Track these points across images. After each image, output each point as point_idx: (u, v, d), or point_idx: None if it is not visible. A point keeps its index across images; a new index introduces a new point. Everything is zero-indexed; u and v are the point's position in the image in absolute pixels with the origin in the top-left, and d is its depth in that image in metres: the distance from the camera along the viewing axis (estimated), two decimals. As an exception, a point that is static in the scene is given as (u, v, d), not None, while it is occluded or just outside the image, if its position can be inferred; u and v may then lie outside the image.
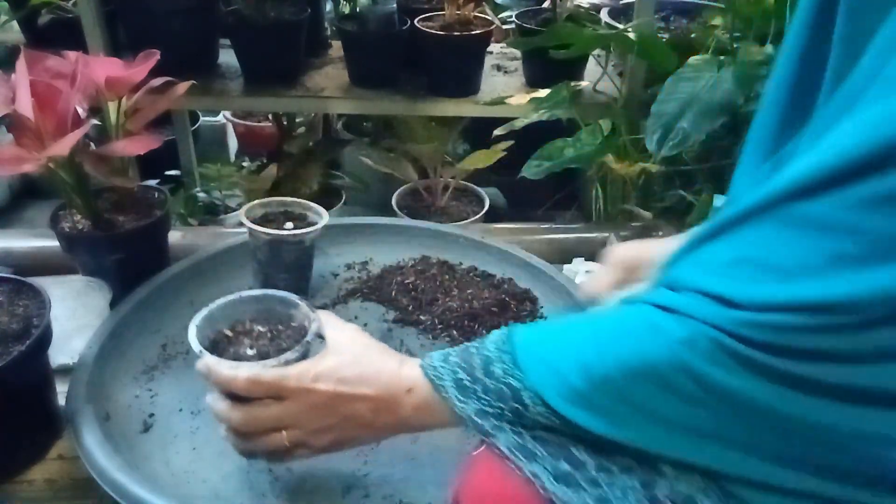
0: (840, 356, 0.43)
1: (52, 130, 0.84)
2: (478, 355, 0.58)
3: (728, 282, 0.46)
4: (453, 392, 0.58)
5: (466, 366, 0.59)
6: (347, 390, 0.63)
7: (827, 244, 0.42)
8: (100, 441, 0.74)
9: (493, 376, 0.57)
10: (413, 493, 0.75)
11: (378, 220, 1.20)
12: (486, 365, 0.57)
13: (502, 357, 0.57)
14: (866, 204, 0.41)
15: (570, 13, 1.51)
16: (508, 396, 0.56)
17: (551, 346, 0.56)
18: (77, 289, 0.96)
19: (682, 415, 0.49)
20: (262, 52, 1.45)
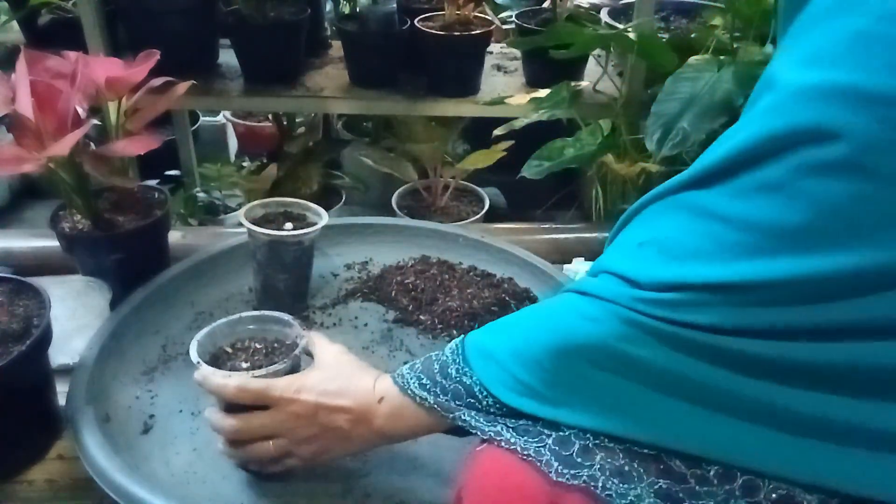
0: (730, 330, 0.47)
1: (52, 130, 0.84)
2: (436, 361, 0.64)
3: (633, 263, 0.52)
4: (417, 391, 0.63)
5: (427, 371, 0.64)
6: (327, 401, 0.67)
7: (714, 230, 0.47)
8: (100, 442, 0.74)
9: (448, 377, 0.62)
10: (413, 493, 0.75)
11: (378, 220, 1.20)
12: (442, 368, 0.62)
13: (455, 358, 0.62)
14: (744, 193, 0.45)
15: (570, 13, 1.51)
16: (463, 393, 0.60)
17: (492, 339, 0.61)
18: (77, 289, 0.96)
19: (609, 390, 0.53)
20: (262, 52, 1.45)
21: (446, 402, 0.61)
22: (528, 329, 0.58)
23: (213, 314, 0.99)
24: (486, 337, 0.62)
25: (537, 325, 0.57)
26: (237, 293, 1.04)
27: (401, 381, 0.65)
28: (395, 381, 0.66)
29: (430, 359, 0.64)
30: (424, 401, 0.63)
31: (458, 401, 0.61)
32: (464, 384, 0.60)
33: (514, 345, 0.58)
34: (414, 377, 0.64)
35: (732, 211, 0.46)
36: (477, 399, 0.60)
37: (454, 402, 0.61)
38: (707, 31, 1.36)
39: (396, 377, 0.66)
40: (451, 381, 0.61)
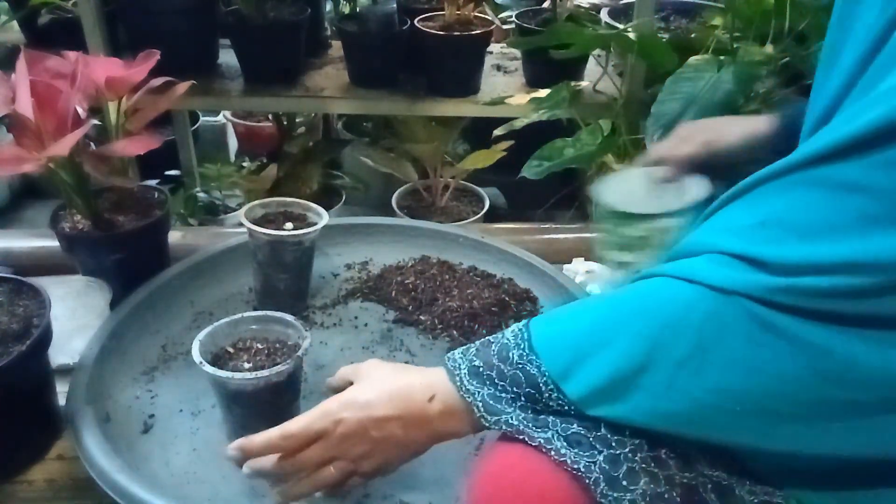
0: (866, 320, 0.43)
1: (52, 130, 0.84)
2: (495, 343, 0.59)
3: (754, 243, 0.46)
4: (465, 378, 0.58)
5: (483, 353, 0.59)
6: (373, 414, 0.63)
7: (853, 204, 0.42)
8: (100, 442, 0.74)
9: (508, 362, 0.56)
10: (413, 493, 0.75)
11: (378, 220, 1.20)
12: (502, 351, 0.57)
13: (519, 343, 0.57)
14: (891, 165, 0.41)
15: (570, 13, 1.51)
16: (523, 381, 0.56)
17: (568, 328, 0.55)
18: (77, 289, 0.96)
19: (709, 391, 0.48)
20: (262, 52, 1.45)
21: (494, 401, 0.57)
22: (619, 323, 0.52)
23: (212, 314, 0.99)
24: (560, 326, 0.56)
25: (631, 317, 0.52)
26: (237, 293, 1.04)
27: (451, 364, 0.60)
28: (446, 365, 0.61)
29: (488, 341, 0.60)
30: (472, 395, 0.58)
31: (515, 388, 0.56)
32: (526, 372, 0.56)
33: (601, 339, 0.52)
34: (466, 361, 0.59)
35: (878, 182, 0.42)
36: (538, 391, 0.55)
37: (510, 393, 0.56)
38: (707, 31, 1.36)
39: (448, 360, 0.61)
40: (510, 366, 0.56)
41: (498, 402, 0.57)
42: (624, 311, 0.52)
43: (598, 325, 0.53)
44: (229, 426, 0.76)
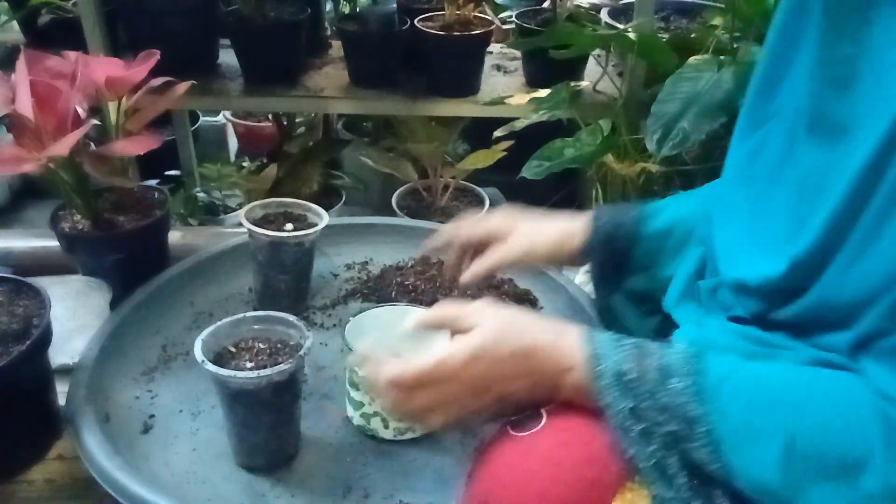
0: None
1: (52, 130, 0.84)
2: (657, 357, 0.54)
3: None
4: (610, 381, 0.54)
5: (639, 360, 0.54)
6: (501, 370, 0.58)
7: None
8: (100, 441, 0.74)
9: (666, 387, 0.52)
10: (413, 493, 0.75)
11: (378, 220, 1.20)
12: (663, 369, 0.53)
13: (687, 371, 0.52)
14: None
15: (570, 13, 1.50)
16: (676, 417, 0.51)
17: (749, 393, 0.51)
18: (77, 289, 0.96)
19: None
20: (262, 52, 1.45)
21: (633, 421, 0.53)
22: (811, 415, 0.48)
23: (213, 314, 0.99)
24: (742, 386, 0.51)
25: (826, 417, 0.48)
26: (237, 293, 1.04)
27: (597, 351, 0.55)
28: (587, 352, 0.56)
29: (646, 348, 0.55)
30: (611, 409, 0.54)
31: (659, 416, 0.52)
32: (683, 409, 0.51)
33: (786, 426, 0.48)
34: (614, 362, 0.54)
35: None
36: (687, 435, 0.51)
37: (650, 415, 0.52)
38: (707, 31, 1.36)
39: (592, 346, 0.56)
40: (665, 392, 0.52)
41: (636, 420, 0.53)
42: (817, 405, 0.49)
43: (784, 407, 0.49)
44: (230, 426, 0.76)
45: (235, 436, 0.76)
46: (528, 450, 0.56)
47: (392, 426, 0.79)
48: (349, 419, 0.83)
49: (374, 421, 0.80)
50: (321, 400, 0.86)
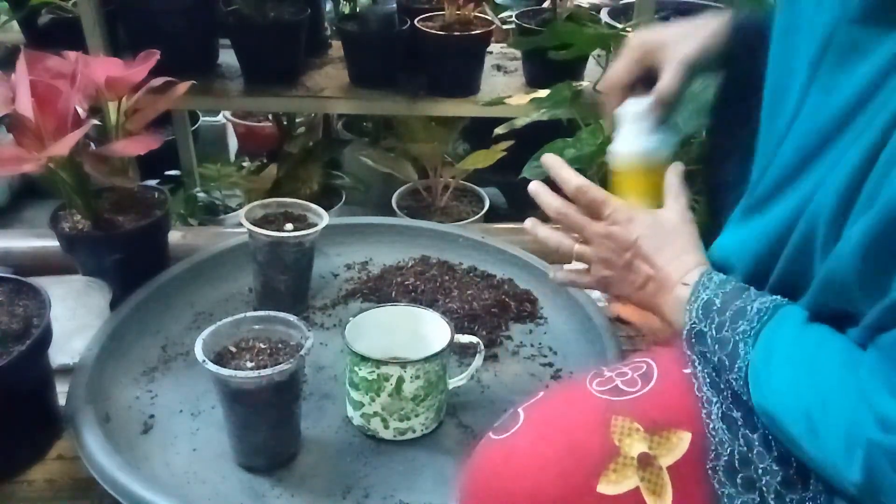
0: None
1: (52, 130, 0.84)
2: (742, 301, 0.58)
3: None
4: (698, 304, 0.59)
5: (729, 297, 0.59)
6: (645, 246, 0.65)
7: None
8: (100, 441, 0.74)
9: (734, 325, 0.57)
10: (413, 493, 0.75)
11: (378, 220, 1.20)
12: (738, 313, 0.57)
13: (754, 319, 0.56)
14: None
15: (570, 13, 1.50)
16: (727, 351, 0.56)
17: (791, 359, 0.53)
18: (77, 289, 0.96)
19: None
20: (262, 52, 1.45)
21: (697, 339, 0.59)
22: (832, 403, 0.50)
23: (212, 314, 0.98)
24: (790, 349, 0.54)
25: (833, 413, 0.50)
26: (237, 293, 1.04)
27: (703, 277, 0.61)
28: (698, 279, 0.61)
29: (741, 292, 0.59)
30: (686, 316, 0.60)
31: (717, 346, 0.57)
32: (735, 347, 0.56)
33: (804, 404, 0.51)
34: (713, 289, 0.60)
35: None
36: (729, 368, 0.56)
37: (713, 340, 0.58)
38: (707, 31, 1.35)
39: (704, 273, 0.62)
40: (731, 328, 0.57)
41: (699, 342, 0.59)
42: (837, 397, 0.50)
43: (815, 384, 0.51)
44: (230, 426, 0.76)
45: (235, 436, 0.76)
46: (511, 451, 0.57)
47: (392, 426, 0.79)
48: (349, 419, 0.83)
49: (374, 421, 0.80)
50: (321, 400, 0.86)
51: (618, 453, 0.55)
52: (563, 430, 0.57)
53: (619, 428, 0.56)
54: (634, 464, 0.55)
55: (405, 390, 0.77)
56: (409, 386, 0.77)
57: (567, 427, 0.58)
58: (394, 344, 0.83)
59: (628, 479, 0.54)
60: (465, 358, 0.91)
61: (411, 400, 0.78)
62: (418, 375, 0.77)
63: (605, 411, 0.58)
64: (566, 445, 0.56)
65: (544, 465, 0.55)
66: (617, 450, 0.55)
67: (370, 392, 0.78)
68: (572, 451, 0.56)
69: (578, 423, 0.58)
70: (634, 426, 0.57)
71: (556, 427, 0.58)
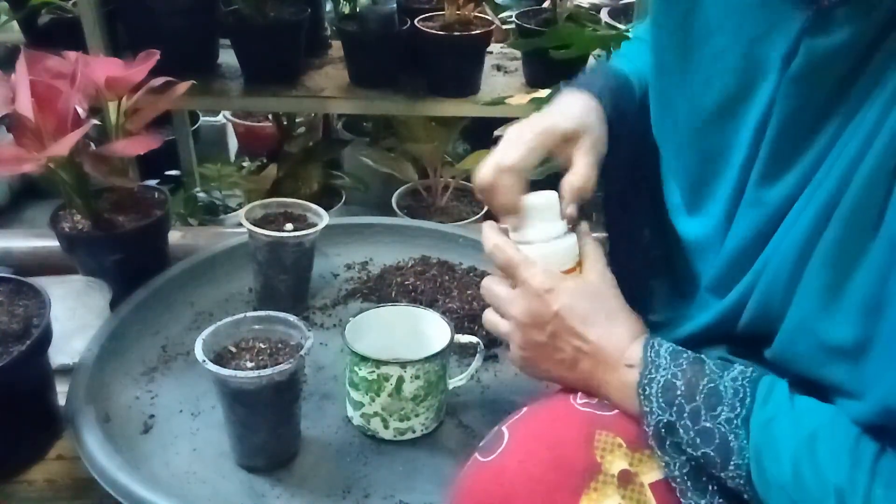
0: None
1: (52, 130, 0.84)
2: (708, 378, 0.54)
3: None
4: (655, 389, 0.55)
5: (691, 378, 0.54)
6: (568, 319, 0.59)
7: None
8: (100, 441, 0.74)
9: (712, 412, 0.53)
10: (413, 494, 0.75)
11: (378, 220, 1.20)
12: (712, 395, 0.53)
13: (736, 404, 0.52)
14: None
15: (570, 13, 1.51)
16: (714, 443, 0.52)
17: (795, 442, 0.51)
18: (77, 289, 0.96)
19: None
20: (262, 52, 1.45)
21: (668, 432, 0.54)
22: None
23: (212, 315, 0.98)
24: (784, 428, 0.51)
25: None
26: (237, 293, 1.04)
27: (653, 355, 0.56)
28: (645, 354, 0.57)
29: (701, 365, 0.55)
30: (648, 418, 0.55)
31: (700, 439, 0.52)
32: (724, 439, 0.51)
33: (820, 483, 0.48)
34: (668, 369, 0.55)
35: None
36: (723, 462, 0.52)
37: (689, 435, 0.53)
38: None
39: (650, 351, 0.57)
40: (710, 419, 0.52)
41: (671, 436, 0.54)
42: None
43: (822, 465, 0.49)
44: (230, 426, 0.76)
45: (235, 436, 0.76)
46: (499, 470, 0.56)
47: (392, 426, 0.79)
48: (349, 419, 0.83)
49: (374, 421, 0.80)
50: (321, 400, 0.86)
51: (599, 470, 0.54)
52: (549, 446, 0.56)
53: (601, 443, 0.55)
54: (615, 482, 0.53)
55: (405, 390, 0.77)
56: (409, 386, 0.77)
57: (552, 443, 0.56)
58: (394, 344, 0.83)
59: (608, 498, 0.53)
60: (465, 358, 0.91)
61: (411, 400, 0.78)
62: (418, 375, 0.77)
63: (590, 425, 0.56)
64: (552, 461, 0.55)
65: (532, 483, 0.54)
66: (598, 466, 0.54)
67: (370, 392, 0.78)
68: (558, 467, 0.54)
69: (563, 439, 0.56)
70: (617, 441, 0.55)
71: (542, 443, 0.56)
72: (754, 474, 0.51)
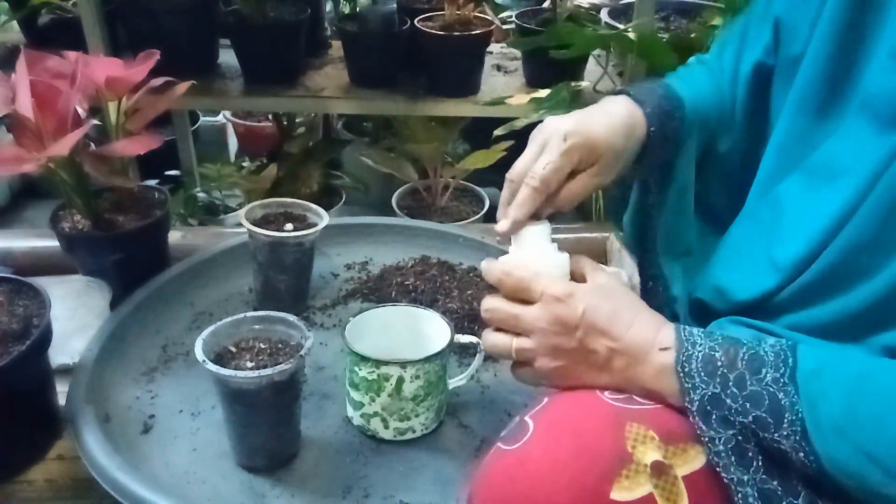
0: None
1: (52, 130, 0.84)
2: (746, 347, 0.55)
3: None
4: (696, 363, 0.55)
5: (729, 349, 0.55)
6: (596, 318, 0.59)
7: None
8: (100, 441, 0.74)
9: (757, 376, 0.53)
10: (413, 494, 0.75)
11: (378, 220, 1.20)
12: (753, 360, 0.54)
13: (779, 365, 0.53)
14: None
15: (570, 13, 1.51)
16: (764, 404, 0.52)
17: (841, 387, 0.51)
18: (77, 289, 0.96)
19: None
20: (262, 52, 1.45)
21: (712, 405, 0.54)
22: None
23: (212, 315, 0.99)
24: (838, 373, 0.52)
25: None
26: (237, 293, 1.04)
27: (687, 337, 0.56)
28: (679, 335, 0.57)
29: (738, 342, 0.55)
30: (690, 394, 0.54)
31: (748, 404, 0.52)
32: (774, 398, 0.52)
33: (883, 421, 0.48)
34: (705, 344, 0.55)
35: None
36: (775, 423, 0.51)
37: (736, 405, 0.53)
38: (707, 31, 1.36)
39: (684, 332, 0.57)
40: (756, 383, 0.52)
41: (717, 408, 0.54)
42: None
43: (878, 404, 0.50)
44: (230, 426, 0.76)
45: (235, 436, 0.76)
46: (523, 459, 0.55)
47: (392, 426, 0.79)
48: (349, 419, 0.83)
49: (374, 421, 0.80)
50: (321, 400, 0.86)
51: (630, 460, 0.53)
52: (573, 433, 0.55)
53: (633, 434, 0.54)
54: (647, 471, 0.53)
55: (405, 390, 0.77)
56: (409, 386, 0.77)
57: (577, 429, 0.56)
58: (394, 344, 0.83)
59: (641, 487, 0.52)
60: (465, 358, 0.91)
61: (411, 400, 0.78)
62: (418, 375, 0.77)
63: (618, 415, 0.56)
64: (578, 448, 0.54)
65: (557, 469, 0.53)
66: (630, 456, 0.53)
67: (370, 392, 0.78)
68: (584, 454, 0.54)
69: (588, 426, 0.56)
70: (650, 434, 0.54)
71: (566, 430, 0.56)
72: (809, 425, 0.50)
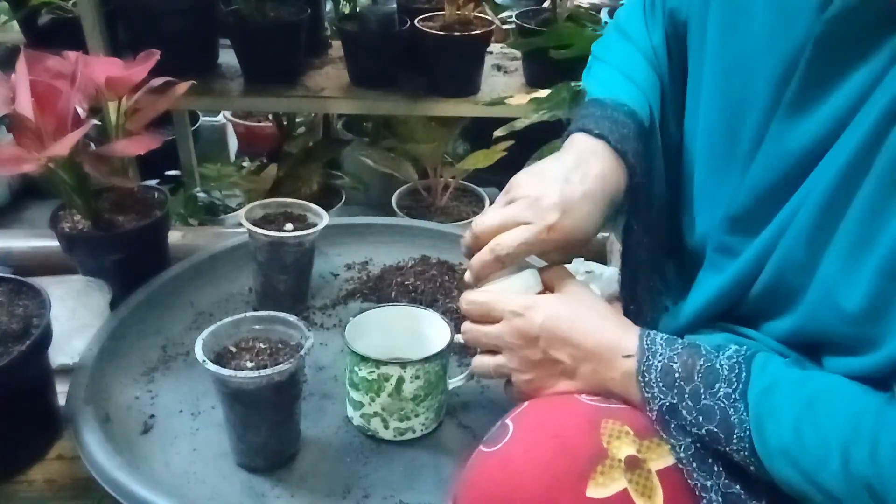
0: None
1: (52, 130, 0.84)
2: (704, 359, 0.56)
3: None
4: (655, 374, 0.57)
5: (687, 360, 0.56)
6: (553, 328, 0.61)
7: None
8: (100, 441, 0.74)
9: (711, 390, 0.54)
10: (413, 493, 0.75)
11: (378, 220, 1.20)
12: (709, 374, 0.55)
13: (732, 379, 0.54)
14: None
15: (570, 13, 1.51)
16: (716, 419, 0.54)
17: (788, 408, 0.52)
18: (77, 289, 0.96)
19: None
20: (262, 52, 1.45)
21: (671, 415, 0.56)
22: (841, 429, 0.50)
23: (212, 315, 0.98)
24: (785, 399, 0.53)
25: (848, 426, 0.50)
26: (237, 293, 1.04)
27: (650, 344, 0.58)
28: (642, 346, 0.58)
29: (697, 349, 0.57)
30: (650, 403, 0.56)
31: (702, 418, 0.54)
32: (724, 414, 0.53)
33: (829, 454, 0.49)
34: (664, 354, 0.57)
35: None
36: (725, 437, 0.53)
37: (692, 415, 0.55)
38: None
39: (647, 339, 0.59)
40: (710, 397, 0.54)
41: (674, 418, 0.56)
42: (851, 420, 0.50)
43: (823, 427, 0.51)
44: (230, 426, 0.76)
45: (235, 436, 0.76)
46: (505, 461, 0.56)
47: (392, 426, 0.79)
48: (349, 419, 0.83)
49: (374, 421, 0.80)
50: (321, 400, 0.86)
51: (606, 455, 0.54)
52: (554, 434, 0.56)
53: (608, 430, 0.56)
54: (622, 466, 0.54)
55: (405, 390, 0.77)
56: (409, 386, 0.77)
57: (557, 431, 0.57)
58: (394, 344, 0.83)
59: (615, 482, 0.53)
60: (465, 358, 0.91)
61: (411, 400, 0.78)
62: (418, 375, 0.77)
63: (595, 414, 0.57)
64: (557, 448, 0.55)
65: (538, 470, 0.54)
66: (605, 452, 0.54)
67: (370, 392, 0.78)
68: (564, 454, 0.55)
69: (568, 427, 0.57)
70: (625, 429, 0.56)
71: (547, 432, 0.57)
72: (757, 444, 0.52)
